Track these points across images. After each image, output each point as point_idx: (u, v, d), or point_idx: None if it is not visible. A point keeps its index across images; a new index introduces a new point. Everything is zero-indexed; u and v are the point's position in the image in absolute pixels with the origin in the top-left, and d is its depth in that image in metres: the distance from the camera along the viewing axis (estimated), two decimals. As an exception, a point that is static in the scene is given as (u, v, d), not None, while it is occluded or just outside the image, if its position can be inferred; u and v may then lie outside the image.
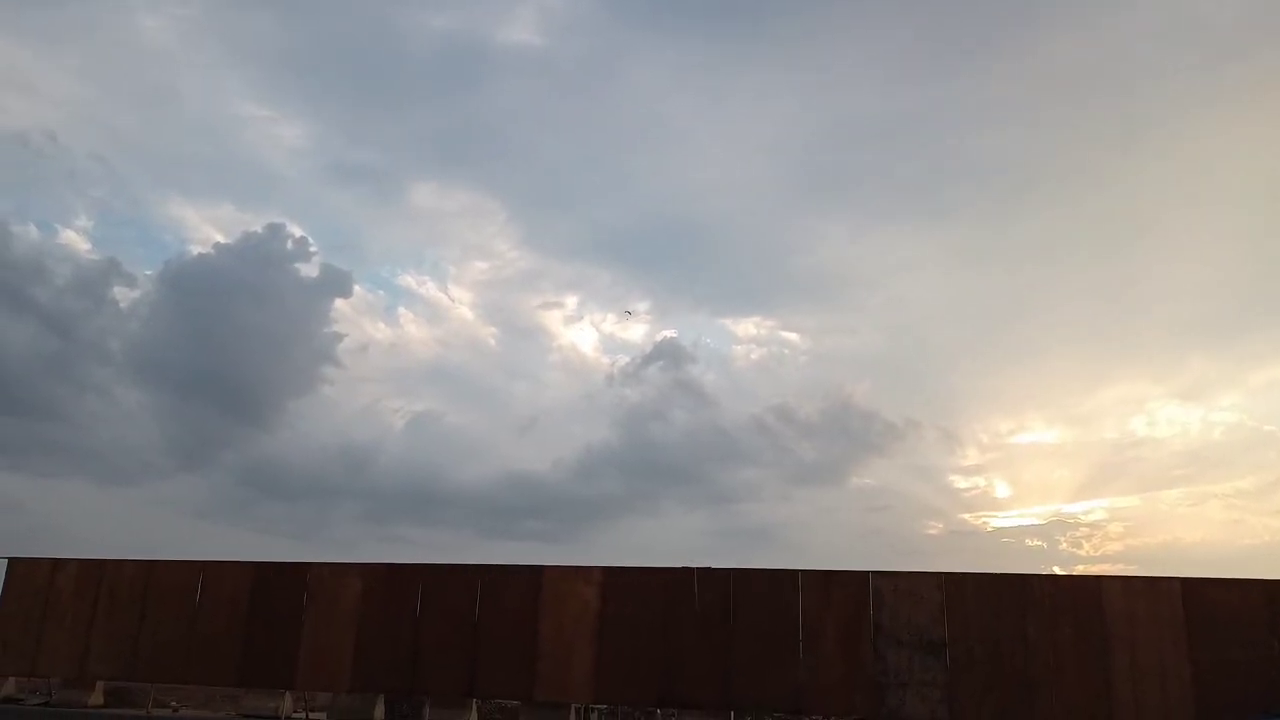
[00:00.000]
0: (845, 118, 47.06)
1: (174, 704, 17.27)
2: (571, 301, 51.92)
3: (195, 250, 48.49)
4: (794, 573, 13.90)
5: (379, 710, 15.24)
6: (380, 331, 49.74)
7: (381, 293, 53.36)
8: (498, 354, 50.81)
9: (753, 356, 49.47)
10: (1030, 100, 44.28)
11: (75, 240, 45.13)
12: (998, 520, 41.60)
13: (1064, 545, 39.40)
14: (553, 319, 51.41)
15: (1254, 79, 39.17)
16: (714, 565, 14.26)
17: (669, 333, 49.56)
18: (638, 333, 50.10)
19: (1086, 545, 39.86)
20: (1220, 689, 12.15)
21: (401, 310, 52.34)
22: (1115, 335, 42.16)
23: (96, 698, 16.24)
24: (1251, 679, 12.12)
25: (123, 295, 41.63)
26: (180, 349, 39.12)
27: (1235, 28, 39.35)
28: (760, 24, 47.57)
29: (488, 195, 52.11)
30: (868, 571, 13.66)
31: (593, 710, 15.29)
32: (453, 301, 52.17)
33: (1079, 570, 28.59)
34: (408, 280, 53.20)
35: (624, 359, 49.82)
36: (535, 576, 14.74)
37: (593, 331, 52.06)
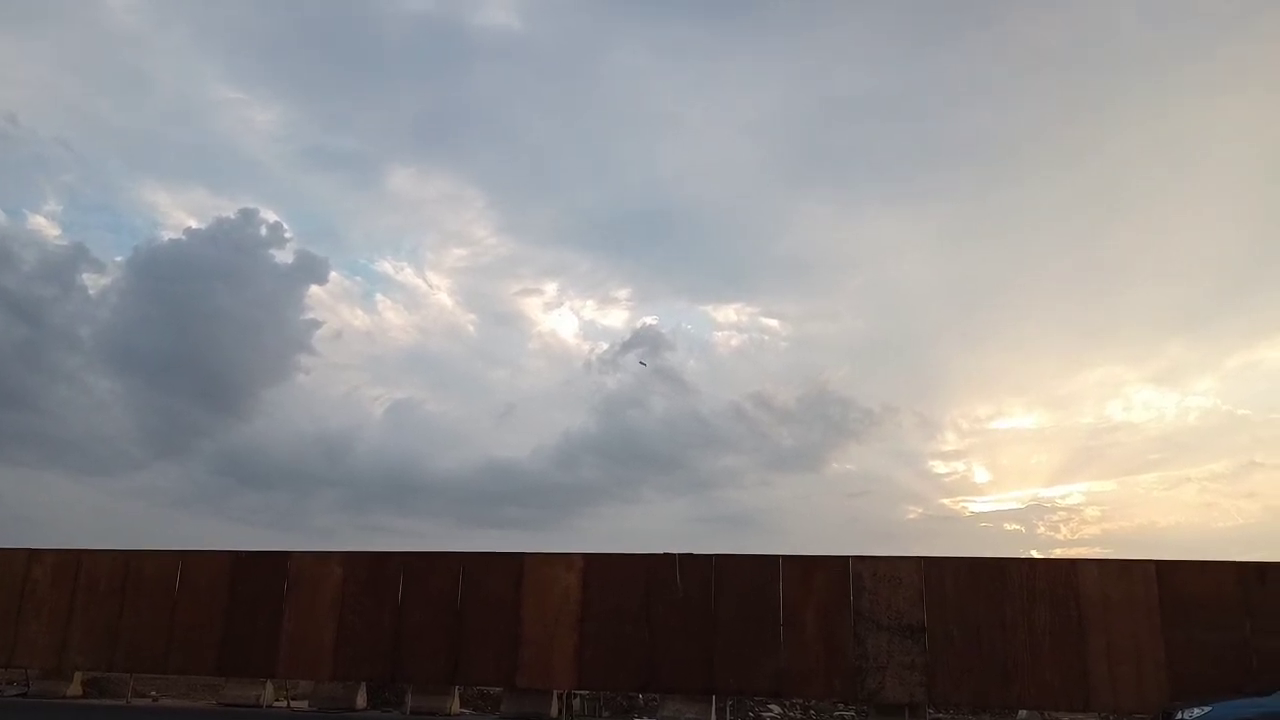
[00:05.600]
0: (828, 100, 47.63)
1: (154, 694, 17.93)
2: (551, 288, 52.62)
3: (167, 236, 49.03)
4: (775, 558, 14.57)
5: (361, 698, 15.93)
6: (357, 318, 50.33)
7: (359, 279, 53.96)
8: (477, 341, 51.48)
9: (733, 343, 50.33)
10: (1012, 81, 45.11)
11: (44, 225, 45.62)
12: (976, 505, 42.76)
13: (1042, 529, 40.55)
14: (532, 305, 52.06)
15: (1238, 63, 40.15)
16: (695, 551, 14.95)
17: (649, 319, 50.41)
18: (617, 319, 50.76)
19: (1064, 529, 41.06)
20: (1193, 669, 12.97)
21: (379, 297, 52.93)
22: (1093, 320, 43.26)
23: (75, 688, 16.96)
24: (1223, 660, 12.94)
25: (92, 282, 42.36)
26: (152, 336, 39.67)
27: (1221, 8, 39.99)
28: (743, 5, 47.92)
29: (466, 181, 52.56)
30: (848, 556, 14.32)
31: (575, 696, 15.96)
32: (431, 288, 52.73)
33: (1056, 554, 29.60)
34: (385, 266, 53.78)
35: (603, 346, 50.68)
36: (517, 563, 15.36)
37: (572, 318, 52.79)
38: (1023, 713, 14.00)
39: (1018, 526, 41.81)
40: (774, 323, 50.04)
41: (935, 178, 46.34)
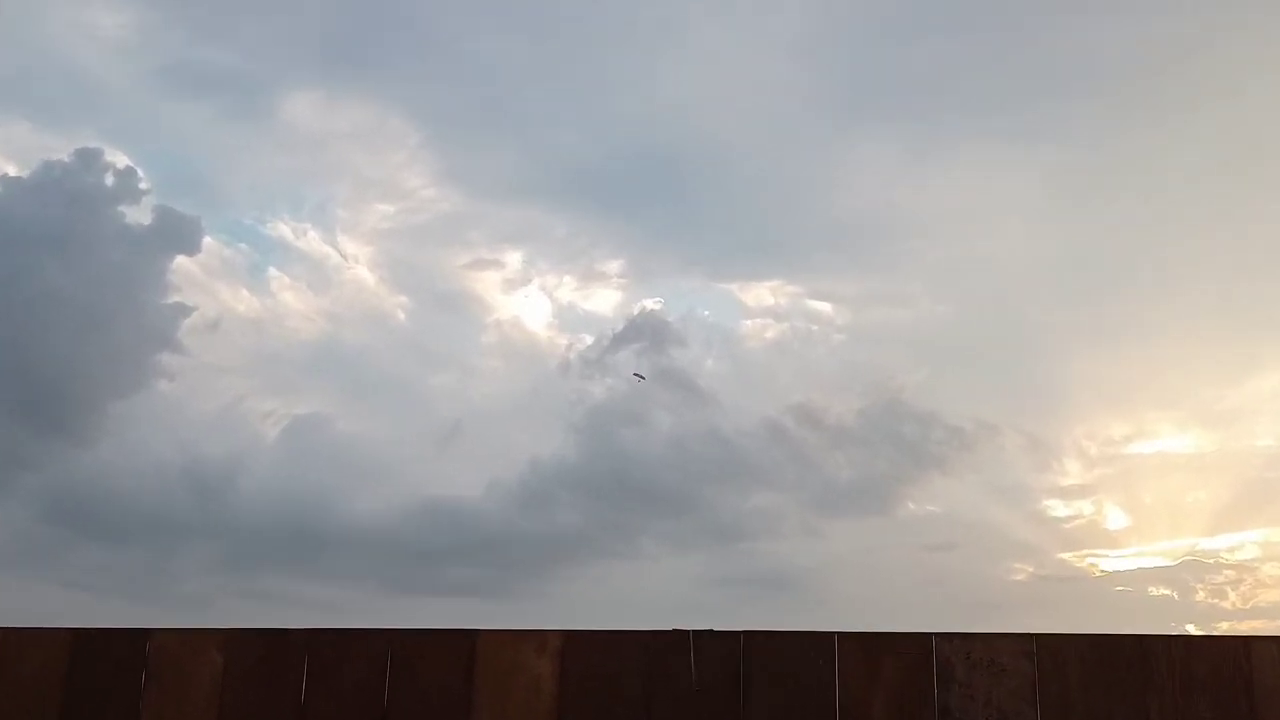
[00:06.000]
0: (898, 4, 46.96)
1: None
2: (513, 259, 51.91)
3: (-26, 187, 47.60)
4: (827, 636, 13.89)
5: (249, 834, 15.14)
6: (242, 302, 49.37)
7: (243, 246, 52.87)
8: (409, 333, 50.70)
9: (767, 335, 49.68)
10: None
11: None
12: (1110, 561, 41.98)
13: (1201, 595, 39.86)
14: (487, 284, 51.39)
15: None
16: (716, 627, 14.34)
17: (650, 303, 49.65)
18: (606, 302, 50.17)
19: (1232, 595, 40.32)
20: None
21: (272, 272, 51.93)
22: (1269, 306, 42.50)
23: None
24: None
25: None
26: (-47, 327, 38.47)
27: None
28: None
29: (393, 110, 51.78)
30: (930, 634, 13.66)
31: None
32: (346, 259, 51.87)
33: (1222, 629, 28.89)
34: (281, 229, 52.76)
35: (586, 340, 49.96)
36: (467, 645, 14.66)
37: (544, 301, 52.14)
38: None
39: (1167, 591, 41.02)
40: (824, 307, 49.44)
41: (1047, 112, 45.41)
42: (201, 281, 47.38)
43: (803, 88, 48.38)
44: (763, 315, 50.62)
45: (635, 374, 42.25)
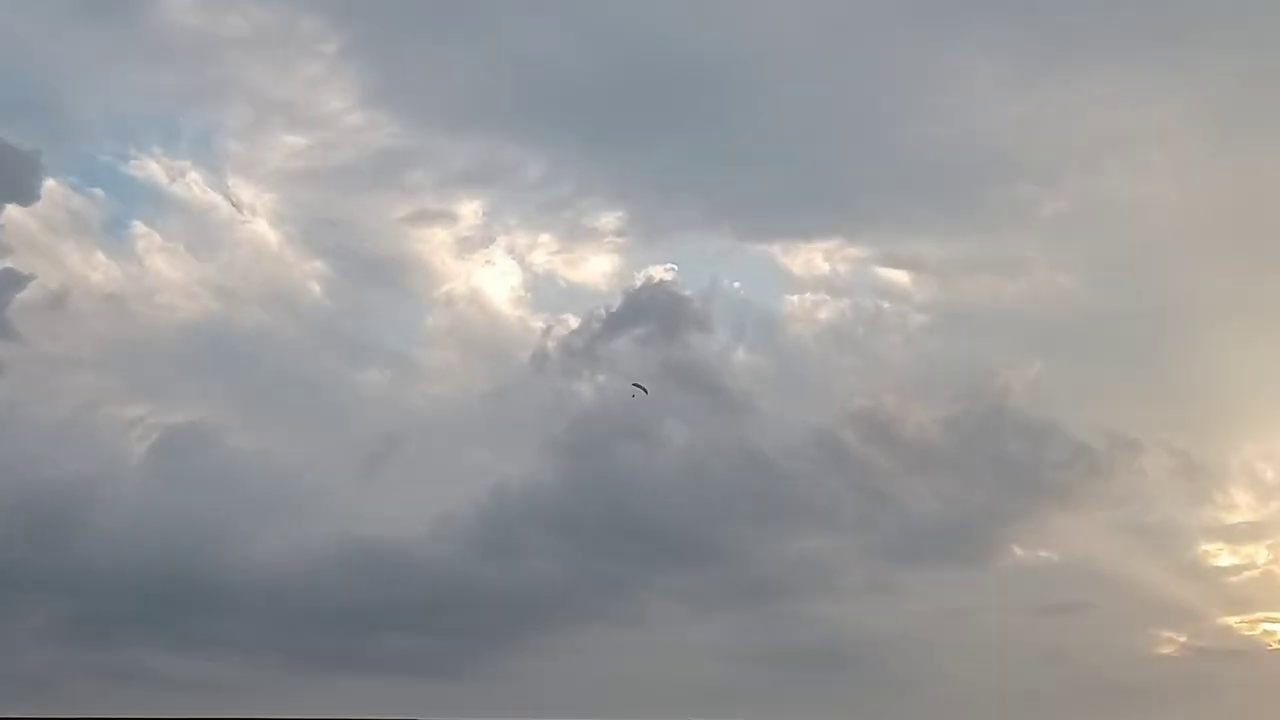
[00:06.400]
0: None
1: None
2: (470, 211, 51.88)
3: None
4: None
5: None
6: (96, 269, 49.21)
7: (97, 193, 52.90)
8: (328, 314, 50.51)
9: (821, 315, 49.51)
10: None
11: None
12: (1292, 628, 42.16)
13: None
14: (434, 245, 51.30)
15: None
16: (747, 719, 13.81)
17: (659, 270, 49.49)
18: (598, 270, 49.76)
19: None
20: None
21: (138, 228, 51.93)
22: None
23: None
24: None
25: None
26: None
27: None
28: None
29: (306, 7, 51.13)
30: (1048, 727, 13.05)
31: None
32: (240, 211, 51.77)
33: None
34: (150, 169, 52.80)
35: (571, 322, 49.95)
36: None
37: (512, 268, 52.02)
38: None
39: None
40: (900, 276, 49.38)
41: (1210, 14, 44.92)
42: (40, 241, 47.39)
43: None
44: (815, 288, 50.47)
45: (635, 385, 41.84)
